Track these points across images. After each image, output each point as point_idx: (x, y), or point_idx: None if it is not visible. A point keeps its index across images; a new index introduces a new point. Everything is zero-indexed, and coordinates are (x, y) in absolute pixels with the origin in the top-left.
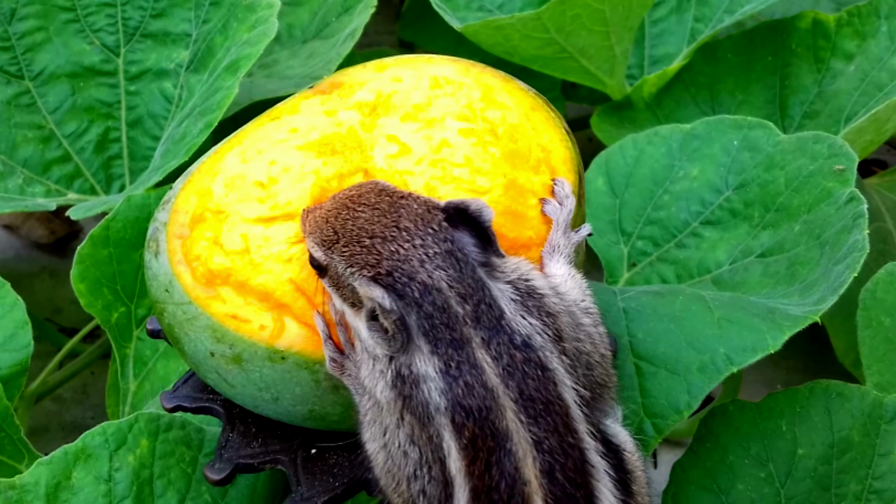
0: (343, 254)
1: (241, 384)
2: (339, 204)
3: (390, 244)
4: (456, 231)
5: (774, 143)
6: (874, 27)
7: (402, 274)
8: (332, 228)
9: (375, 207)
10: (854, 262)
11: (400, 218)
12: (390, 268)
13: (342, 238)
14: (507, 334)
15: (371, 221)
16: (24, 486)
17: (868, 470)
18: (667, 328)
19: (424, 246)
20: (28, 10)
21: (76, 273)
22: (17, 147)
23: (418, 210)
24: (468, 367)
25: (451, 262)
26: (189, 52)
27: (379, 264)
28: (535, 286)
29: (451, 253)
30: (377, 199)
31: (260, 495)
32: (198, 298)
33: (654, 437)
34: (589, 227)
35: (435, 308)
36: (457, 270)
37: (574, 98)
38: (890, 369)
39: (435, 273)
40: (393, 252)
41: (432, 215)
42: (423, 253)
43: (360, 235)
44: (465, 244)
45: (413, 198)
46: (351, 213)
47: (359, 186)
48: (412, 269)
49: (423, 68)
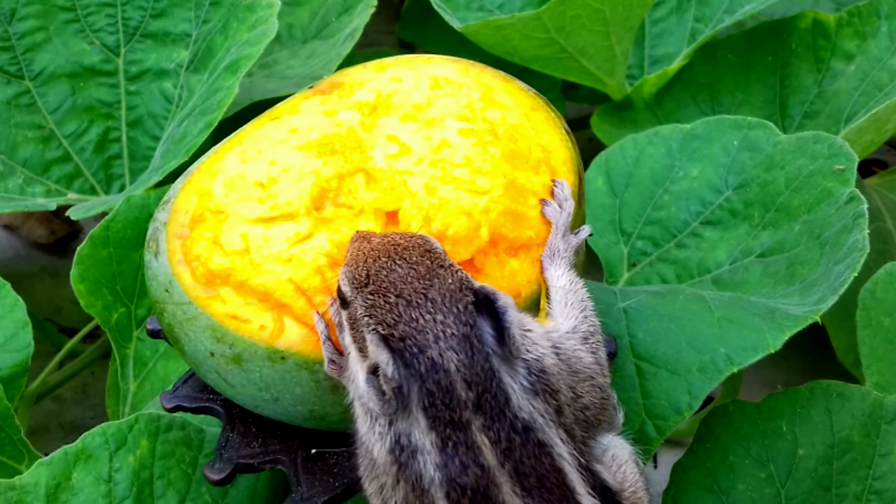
0: (367, 301)
1: (241, 384)
2: (384, 247)
3: (413, 310)
4: (479, 317)
5: (774, 143)
6: (874, 27)
7: (414, 344)
8: (367, 271)
9: (413, 267)
10: (854, 262)
11: (431, 287)
12: (404, 333)
13: (371, 285)
14: (510, 420)
15: (403, 280)
16: (24, 487)
17: (868, 470)
18: (667, 328)
19: (444, 324)
20: (28, 10)
21: (76, 273)
22: (17, 147)
23: (451, 285)
24: (465, 448)
25: (465, 347)
26: (189, 52)
27: (395, 326)
28: (545, 366)
29: (467, 338)
30: (419, 258)
31: (260, 496)
32: (198, 298)
33: (656, 438)
34: (588, 228)
35: (438, 387)
36: (468, 356)
37: (574, 98)
38: (890, 369)
39: (446, 353)
40: (413, 319)
41: (462, 295)
42: (441, 330)
43: (388, 289)
44: (484, 332)
45: (452, 270)
46: (389, 263)
47: (410, 237)
48: (425, 343)
49: (423, 68)
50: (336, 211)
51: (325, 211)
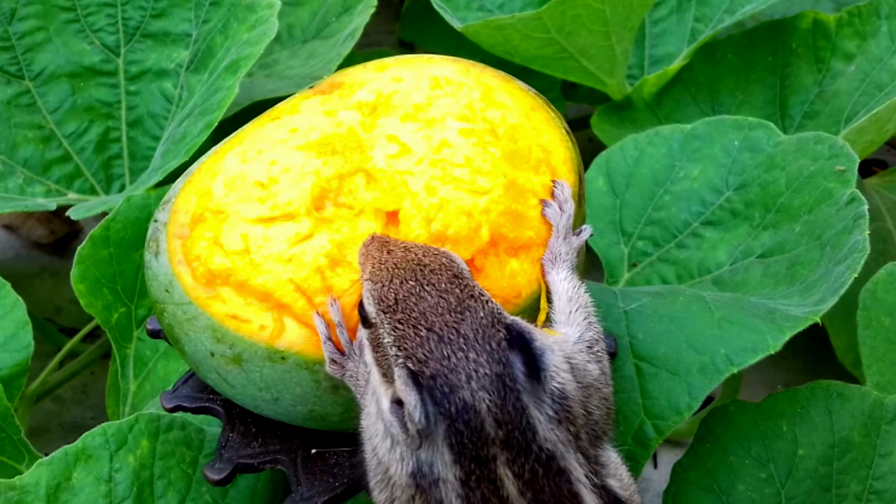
0: (396, 330)
1: (241, 384)
2: (410, 266)
3: (445, 347)
4: (511, 353)
5: (775, 143)
6: (874, 27)
7: (445, 383)
8: (395, 295)
9: (443, 296)
10: (855, 262)
11: (463, 322)
12: (436, 372)
13: (400, 312)
14: (535, 453)
15: (434, 311)
16: (24, 487)
17: (868, 470)
18: (667, 329)
19: (477, 363)
20: (28, 10)
21: (76, 273)
22: (18, 147)
23: (483, 320)
24: (487, 482)
25: (498, 386)
26: (189, 52)
27: (426, 363)
28: (567, 392)
29: (500, 377)
30: (448, 285)
31: (260, 496)
32: (198, 298)
33: (655, 439)
34: (589, 229)
35: (467, 427)
36: (500, 397)
37: (574, 98)
38: (890, 369)
39: (479, 394)
40: (444, 357)
41: (494, 331)
42: (474, 370)
43: (418, 321)
44: (516, 369)
45: (482, 301)
46: (418, 289)
47: (435, 255)
48: (457, 383)
49: (423, 68)
50: (336, 211)
51: (325, 211)
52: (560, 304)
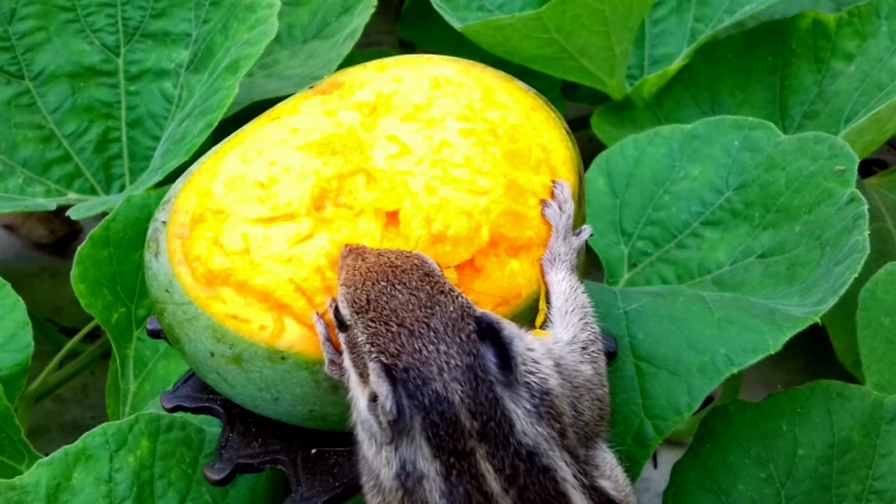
0: (368, 328)
1: (241, 384)
2: (381, 269)
3: (416, 340)
4: (482, 344)
5: (775, 143)
6: (874, 27)
7: (417, 376)
8: (366, 296)
9: (413, 293)
10: (855, 262)
11: (433, 315)
12: (408, 365)
13: (372, 311)
14: (514, 447)
15: (405, 307)
16: (24, 487)
17: (868, 470)
18: (667, 329)
19: (448, 354)
20: (28, 10)
21: (76, 274)
22: (17, 147)
23: (453, 314)
24: (468, 476)
25: (470, 377)
26: (189, 52)
27: (398, 357)
28: (549, 387)
29: (471, 368)
30: (419, 283)
31: (261, 496)
32: (198, 298)
33: (655, 438)
34: (589, 229)
35: (442, 419)
36: (472, 388)
37: (574, 98)
38: (890, 369)
39: (451, 385)
40: (416, 350)
41: (464, 323)
42: (445, 361)
43: (389, 317)
44: (488, 360)
45: (452, 296)
46: (388, 288)
47: (407, 256)
48: (429, 375)
49: (423, 68)
50: (336, 211)
51: (325, 211)
52: (557, 304)
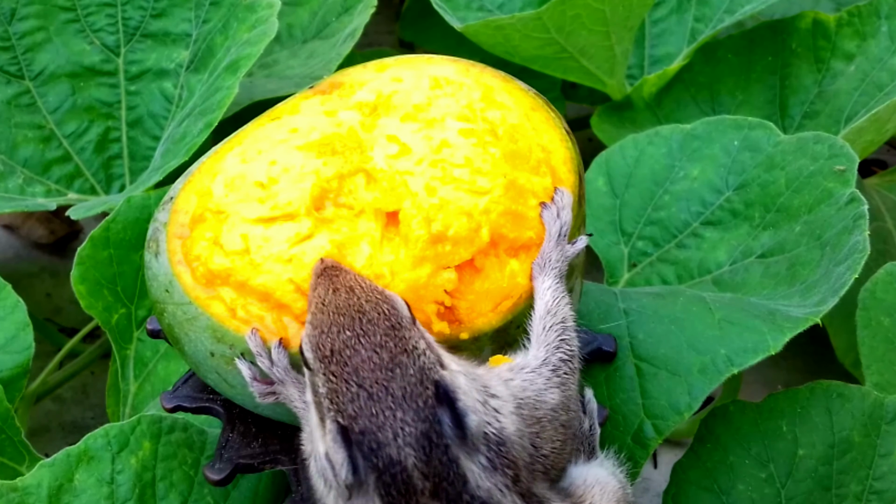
0: (329, 382)
1: (241, 384)
2: (349, 313)
3: (374, 405)
4: (440, 408)
5: (775, 143)
6: (874, 27)
7: (373, 440)
8: (331, 345)
9: (377, 350)
10: (855, 263)
11: (393, 379)
12: (364, 429)
13: (334, 364)
14: (466, 501)
15: (367, 367)
16: (26, 489)
17: (868, 470)
18: (667, 329)
19: (404, 421)
20: (28, 10)
21: (76, 274)
22: (18, 147)
23: (412, 378)
24: None
25: (423, 443)
26: (189, 52)
27: (355, 419)
28: (505, 437)
29: (425, 434)
30: (383, 339)
31: (262, 497)
32: (198, 299)
33: (655, 439)
34: (586, 239)
35: (394, 481)
36: (425, 452)
37: (574, 98)
38: (889, 369)
39: (404, 450)
40: (373, 415)
41: (422, 389)
42: (400, 428)
43: (351, 376)
44: (444, 426)
45: (415, 356)
46: (353, 341)
47: (377, 301)
48: (384, 440)
49: (423, 68)
50: (336, 211)
51: (325, 211)
52: (538, 315)
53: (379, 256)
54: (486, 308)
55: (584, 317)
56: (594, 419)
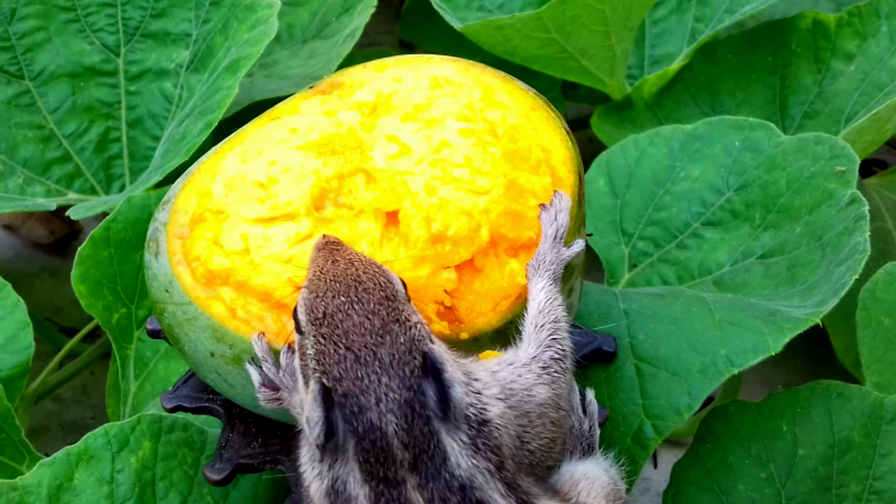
0: (318, 344)
1: (241, 384)
2: (345, 281)
3: (361, 368)
4: (425, 380)
5: (776, 143)
6: (874, 27)
7: (355, 403)
8: (324, 309)
9: (368, 316)
10: (855, 264)
11: (382, 345)
12: (348, 391)
13: (325, 326)
14: (445, 480)
15: (357, 330)
16: (26, 488)
17: (869, 470)
18: (668, 330)
19: (388, 387)
20: (28, 10)
21: (77, 274)
22: (18, 147)
23: (402, 346)
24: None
25: (406, 411)
26: (189, 52)
27: (340, 381)
28: (488, 418)
29: (409, 402)
30: (377, 306)
31: (262, 497)
32: (198, 299)
33: (655, 439)
34: (581, 243)
35: (374, 447)
36: (407, 421)
37: (574, 98)
38: (889, 369)
39: (386, 416)
40: (358, 377)
41: (410, 357)
42: (384, 393)
43: (340, 338)
44: (427, 397)
45: (406, 326)
46: (346, 306)
47: (374, 272)
48: (366, 404)
49: (423, 68)
50: (336, 211)
51: (325, 211)
52: (530, 315)
53: (379, 256)
54: (485, 308)
55: (584, 317)
56: (594, 420)
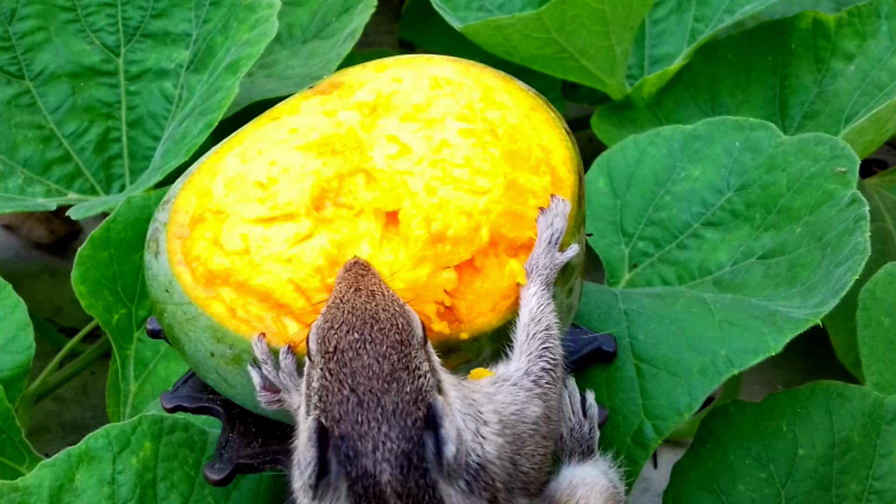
0: (324, 378)
1: (241, 384)
2: (363, 316)
3: (362, 413)
4: (426, 432)
5: (776, 144)
6: (874, 27)
7: (351, 447)
8: (336, 342)
9: (378, 360)
10: (855, 264)
11: (388, 392)
12: (345, 434)
13: (333, 362)
14: None
15: (364, 374)
16: (27, 489)
17: (868, 470)
18: (668, 330)
19: (388, 436)
20: (28, 10)
21: (77, 275)
22: (18, 147)
23: (407, 396)
24: None
25: (403, 462)
26: (189, 52)
27: (338, 423)
28: (486, 461)
29: (406, 455)
30: (389, 350)
31: (262, 497)
32: (198, 299)
33: (655, 439)
34: (576, 247)
35: (366, 492)
36: (403, 472)
37: (574, 98)
38: (889, 369)
39: (381, 465)
40: (358, 422)
41: (414, 408)
42: (382, 442)
43: (346, 377)
44: (427, 449)
45: (415, 375)
46: (357, 345)
47: (394, 313)
48: (362, 450)
49: (423, 68)
50: (336, 211)
51: (325, 211)
52: (522, 322)
53: (379, 256)
54: (485, 308)
55: (584, 317)
56: (594, 423)
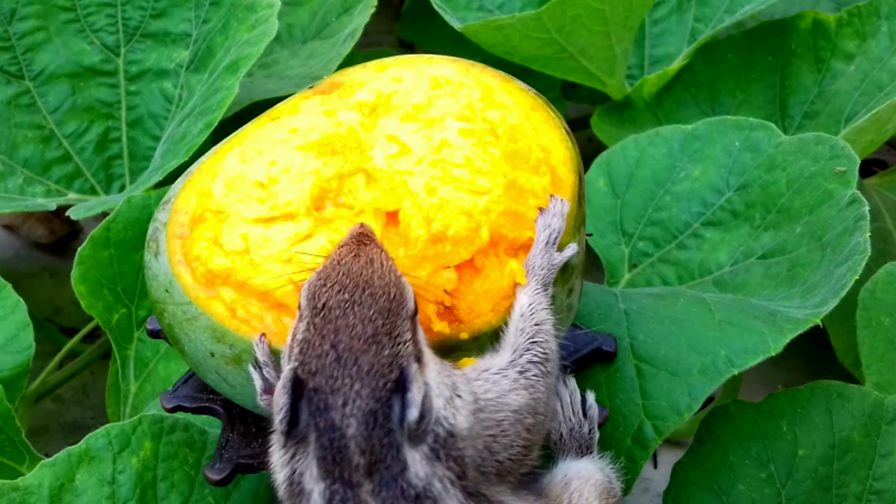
0: (307, 330)
1: (241, 384)
2: (357, 279)
3: (338, 369)
4: (395, 395)
5: (776, 144)
6: (874, 27)
7: (322, 400)
8: (325, 299)
9: (363, 322)
10: (855, 264)
11: (365, 353)
12: (318, 386)
13: (319, 318)
14: (402, 488)
15: (346, 332)
16: (27, 488)
17: (869, 471)
18: (668, 330)
19: (358, 394)
20: (28, 10)
21: (77, 275)
22: (18, 147)
23: (383, 359)
24: None
25: (369, 420)
26: (189, 52)
27: (314, 375)
28: (456, 431)
29: (373, 413)
30: (375, 313)
31: (262, 497)
32: (198, 299)
33: (655, 439)
34: (574, 247)
35: (332, 446)
36: (367, 429)
37: (574, 98)
38: (889, 369)
39: (349, 419)
40: (332, 377)
41: (388, 371)
42: (352, 399)
43: (328, 334)
44: (393, 411)
45: (395, 341)
46: (345, 304)
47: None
48: (332, 403)
49: (423, 68)
50: (336, 211)
51: (325, 211)
52: (514, 318)
53: None
54: (485, 308)
55: (584, 317)
56: (594, 423)
